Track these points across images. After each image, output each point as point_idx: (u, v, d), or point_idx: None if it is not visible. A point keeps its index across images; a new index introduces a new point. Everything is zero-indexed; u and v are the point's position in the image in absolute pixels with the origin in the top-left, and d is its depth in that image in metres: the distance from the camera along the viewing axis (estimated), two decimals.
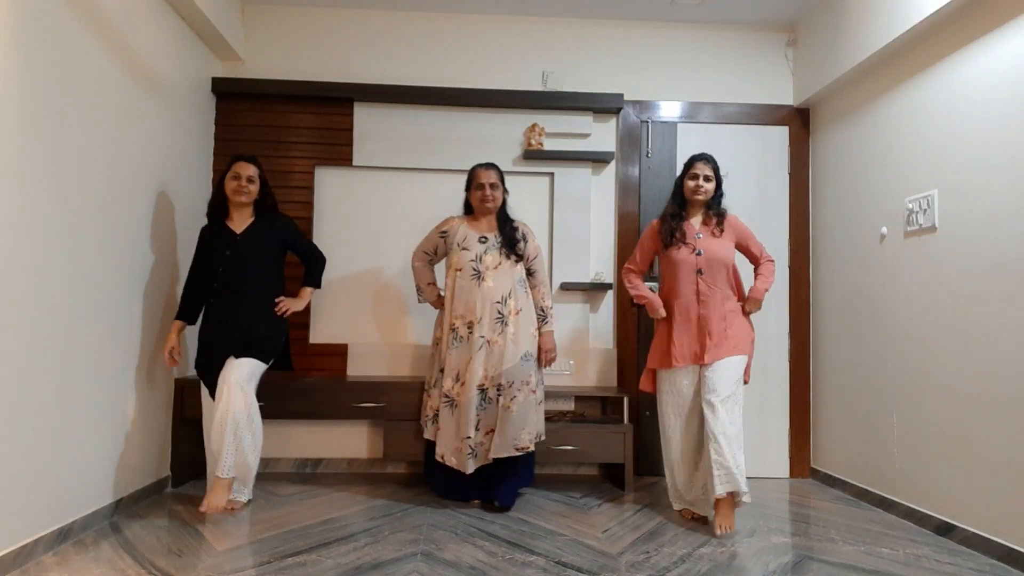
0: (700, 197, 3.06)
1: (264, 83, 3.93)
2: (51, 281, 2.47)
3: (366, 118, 3.99)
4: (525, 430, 3.11)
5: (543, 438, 3.29)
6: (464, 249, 3.21)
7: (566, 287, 3.98)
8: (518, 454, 3.11)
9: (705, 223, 3.10)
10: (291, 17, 4.06)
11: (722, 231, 3.07)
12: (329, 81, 3.98)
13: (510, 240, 3.24)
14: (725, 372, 2.94)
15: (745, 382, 3.06)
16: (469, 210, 3.34)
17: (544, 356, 3.26)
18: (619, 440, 3.62)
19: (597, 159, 4.03)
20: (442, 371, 3.21)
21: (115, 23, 2.86)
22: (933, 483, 3.03)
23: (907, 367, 3.22)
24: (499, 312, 3.14)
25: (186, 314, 3.17)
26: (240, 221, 3.14)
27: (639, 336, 4.05)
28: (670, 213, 3.12)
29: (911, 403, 3.19)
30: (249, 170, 3.10)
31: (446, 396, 3.16)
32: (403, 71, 4.06)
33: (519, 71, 4.11)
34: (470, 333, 3.15)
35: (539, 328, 3.27)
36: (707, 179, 3.06)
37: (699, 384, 3.00)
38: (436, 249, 3.37)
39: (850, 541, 2.85)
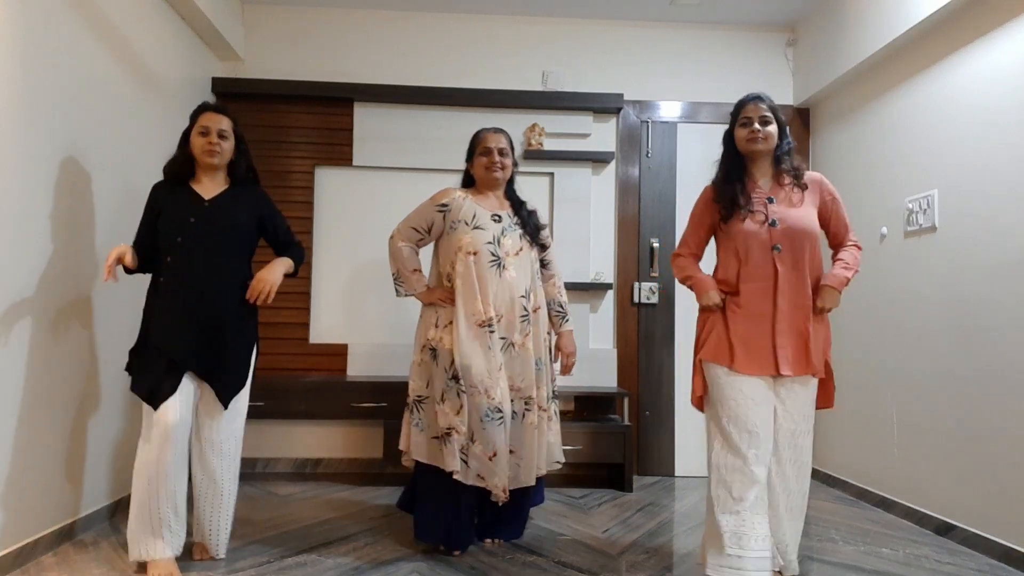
0: (760, 147, 2.24)
1: (264, 83, 3.93)
2: (52, 281, 2.48)
3: (366, 118, 3.99)
4: (543, 452, 2.63)
5: (559, 463, 2.73)
6: (478, 228, 2.59)
7: (566, 287, 3.94)
8: (532, 483, 2.61)
9: (778, 183, 2.28)
10: (291, 17, 4.06)
11: (803, 194, 2.27)
12: (329, 81, 3.98)
13: (534, 226, 2.70)
14: (807, 398, 2.22)
15: (826, 406, 2.32)
16: (468, 184, 2.81)
17: (566, 360, 2.77)
18: (619, 440, 3.62)
19: (597, 159, 4.03)
20: (456, 379, 2.49)
21: (115, 23, 2.87)
22: (933, 483, 3.03)
23: (907, 367, 3.22)
24: (524, 308, 2.58)
25: (140, 255, 2.41)
26: (211, 186, 2.47)
27: (639, 336, 4.05)
28: (724, 176, 2.31)
29: (911, 403, 3.19)
30: (221, 123, 2.45)
31: (500, 412, 2.49)
32: (403, 71, 4.06)
33: (519, 71, 4.11)
34: (491, 333, 2.52)
35: (558, 327, 2.77)
36: (765, 121, 2.24)
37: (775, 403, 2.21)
38: (431, 226, 2.70)
39: (850, 541, 2.84)
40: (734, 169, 2.29)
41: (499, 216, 2.66)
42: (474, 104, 3.99)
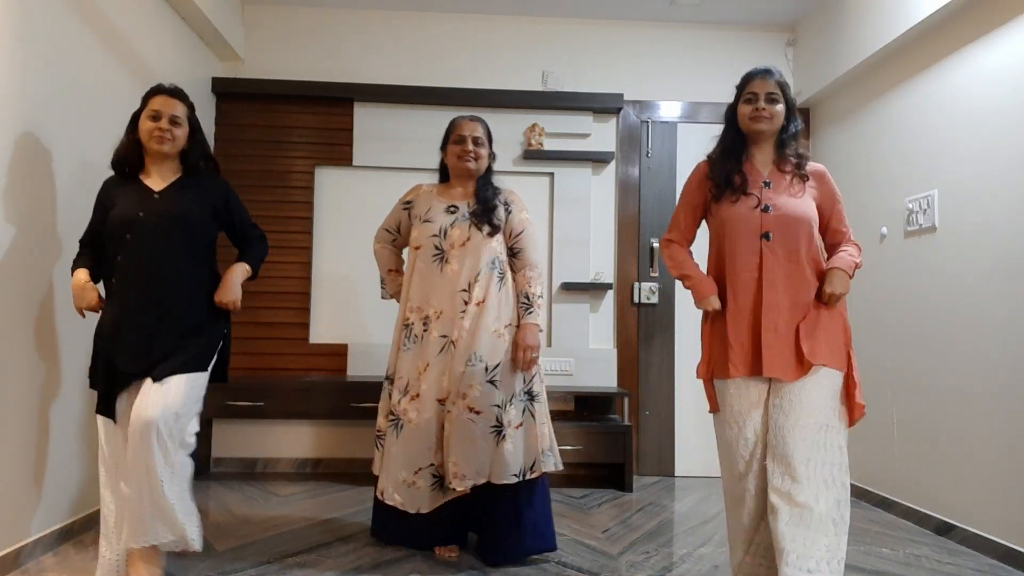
0: (763, 126, 2.04)
1: (264, 83, 3.93)
2: (55, 290, 2.48)
3: (366, 118, 3.99)
4: (464, 460, 2.36)
5: (519, 478, 2.40)
6: (426, 222, 2.51)
7: (566, 287, 3.98)
8: (477, 483, 2.39)
9: (779, 168, 2.07)
10: (291, 17, 4.06)
11: (804, 182, 2.06)
12: (329, 81, 3.98)
13: (485, 204, 2.51)
14: (806, 402, 1.92)
15: (855, 418, 1.99)
16: (445, 178, 2.68)
17: (520, 354, 2.43)
18: (619, 440, 3.62)
19: (597, 159, 4.03)
20: (390, 380, 2.53)
21: (115, 23, 2.87)
22: (933, 483, 3.03)
23: (907, 367, 3.22)
24: (464, 302, 2.43)
25: (85, 266, 2.22)
26: (160, 178, 2.25)
27: (639, 336, 4.05)
28: (721, 152, 2.12)
29: (911, 403, 3.19)
30: (175, 108, 2.23)
31: (392, 415, 2.45)
32: (403, 71, 4.06)
33: (519, 71, 4.11)
34: (426, 331, 2.45)
35: (521, 319, 2.50)
36: (772, 99, 2.04)
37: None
38: (399, 225, 2.68)
39: (850, 541, 2.83)
40: (733, 147, 2.09)
41: (455, 207, 2.52)
42: (474, 104, 3.98)
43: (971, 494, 2.81)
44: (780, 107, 2.05)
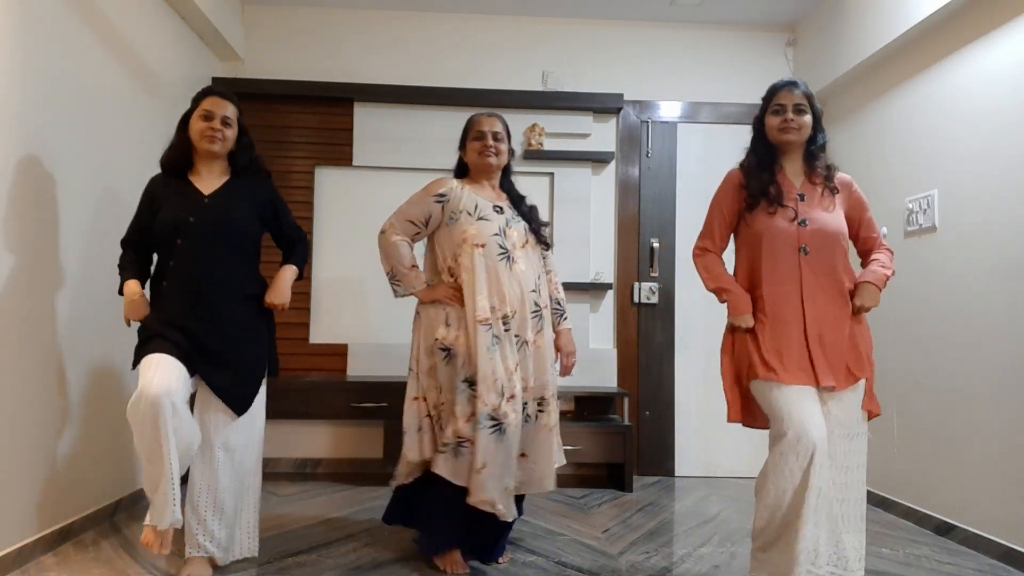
0: (792, 137, 2.08)
1: (264, 83, 3.93)
2: (53, 285, 2.47)
3: (366, 118, 3.99)
4: (555, 457, 2.47)
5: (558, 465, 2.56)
6: (482, 219, 2.41)
7: (566, 287, 3.94)
8: (547, 489, 2.46)
9: (810, 180, 2.11)
10: (291, 17, 4.06)
11: (834, 195, 2.11)
12: (329, 81, 3.98)
13: (537, 222, 2.56)
14: (851, 410, 2.02)
15: (873, 415, 2.08)
16: (461, 174, 2.61)
17: (566, 360, 2.60)
18: (619, 440, 3.62)
19: (597, 159, 4.03)
20: (470, 382, 2.31)
21: (115, 23, 2.87)
22: (933, 483, 3.03)
23: (907, 367, 3.22)
24: (535, 304, 2.42)
25: (136, 275, 2.28)
26: (210, 179, 2.30)
27: (639, 336, 4.05)
28: (756, 163, 2.13)
29: (911, 403, 3.19)
30: (226, 109, 2.27)
31: (492, 419, 2.25)
32: (403, 71, 4.06)
33: (519, 71, 4.11)
34: (507, 330, 2.35)
35: (557, 325, 2.59)
36: (799, 110, 2.07)
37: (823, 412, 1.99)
38: (428, 219, 2.47)
39: None
40: (767, 159, 2.12)
41: (500, 207, 2.48)
42: (474, 104, 3.97)
43: (971, 494, 2.81)
44: (808, 118, 2.09)
